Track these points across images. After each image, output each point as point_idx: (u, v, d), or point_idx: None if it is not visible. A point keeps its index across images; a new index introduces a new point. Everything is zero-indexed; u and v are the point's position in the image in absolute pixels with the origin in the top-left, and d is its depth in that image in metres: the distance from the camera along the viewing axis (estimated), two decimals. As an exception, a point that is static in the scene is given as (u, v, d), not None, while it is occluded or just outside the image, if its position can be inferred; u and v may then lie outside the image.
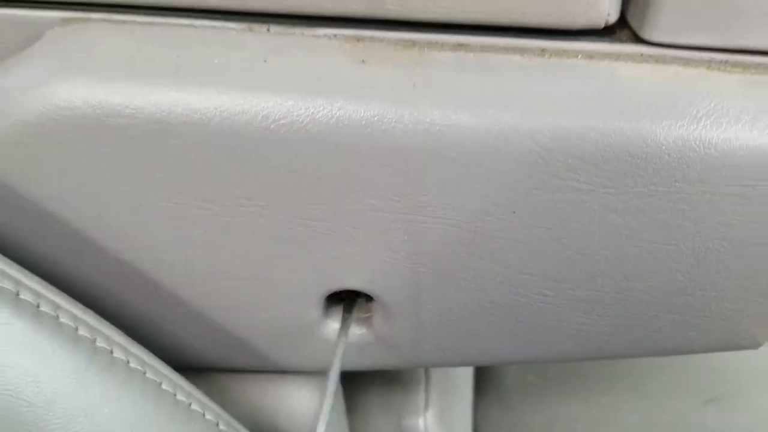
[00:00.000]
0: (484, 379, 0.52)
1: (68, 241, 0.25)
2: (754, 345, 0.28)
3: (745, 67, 0.24)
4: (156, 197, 0.24)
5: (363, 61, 0.23)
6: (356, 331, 0.29)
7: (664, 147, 0.23)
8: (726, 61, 0.24)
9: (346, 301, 0.29)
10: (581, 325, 0.27)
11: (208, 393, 0.28)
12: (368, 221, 0.25)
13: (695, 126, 0.23)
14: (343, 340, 0.27)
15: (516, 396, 0.52)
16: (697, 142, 0.23)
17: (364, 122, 0.23)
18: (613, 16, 0.24)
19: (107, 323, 0.23)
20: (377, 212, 0.24)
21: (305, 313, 0.28)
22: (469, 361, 0.30)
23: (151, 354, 0.24)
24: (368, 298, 0.28)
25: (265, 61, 0.23)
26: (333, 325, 0.29)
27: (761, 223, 0.24)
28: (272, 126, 0.23)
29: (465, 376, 0.49)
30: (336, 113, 0.23)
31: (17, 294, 0.20)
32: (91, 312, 0.24)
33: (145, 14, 0.25)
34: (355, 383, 0.40)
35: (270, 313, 0.28)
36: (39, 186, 0.24)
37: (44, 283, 0.23)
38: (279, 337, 0.29)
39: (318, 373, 0.33)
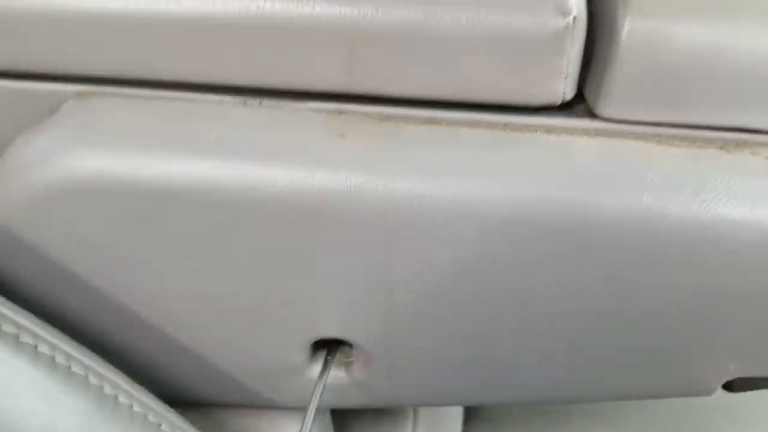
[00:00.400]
0: (473, 408, 0.54)
1: (76, 290, 0.28)
2: (708, 392, 0.30)
3: (692, 141, 0.26)
4: (158, 254, 0.27)
5: (342, 135, 0.26)
6: (338, 373, 0.31)
7: (613, 216, 0.25)
8: (674, 136, 0.27)
9: (331, 346, 0.31)
10: (544, 372, 0.29)
11: (205, 426, 0.30)
12: (346, 278, 0.27)
13: (644, 197, 0.25)
14: (321, 384, 0.29)
15: (506, 425, 0.54)
16: (645, 212, 0.25)
17: (341, 191, 0.25)
18: (569, 94, 0.26)
19: (112, 368, 0.26)
20: (354, 271, 0.27)
21: (294, 357, 0.31)
22: (445, 402, 0.33)
23: (151, 395, 0.27)
24: (351, 344, 0.30)
25: (254, 135, 0.26)
26: (318, 368, 0.32)
27: (703, 287, 0.26)
28: (260, 194, 0.25)
29: (454, 407, 0.51)
30: (317, 183, 0.25)
31: (36, 347, 0.23)
32: (98, 358, 0.26)
33: (151, 88, 0.28)
34: (345, 413, 0.42)
35: (263, 355, 0.31)
36: (55, 242, 0.27)
37: (59, 333, 0.25)
38: (271, 377, 0.32)
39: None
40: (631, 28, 0.25)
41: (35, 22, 0.26)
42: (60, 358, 0.23)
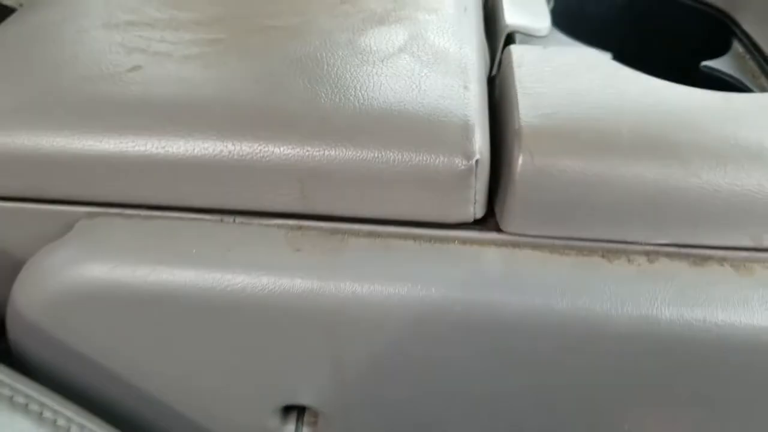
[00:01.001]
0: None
1: (89, 369, 0.35)
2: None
3: (579, 250, 0.33)
4: (152, 343, 0.34)
5: (298, 249, 0.33)
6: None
7: (514, 315, 0.31)
8: (565, 246, 0.33)
9: (299, 409, 0.38)
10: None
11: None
12: (305, 361, 0.34)
13: (536, 298, 0.32)
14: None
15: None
16: (539, 310, 0.31)
17: (298, 294, 0.32)
18: (479, 214, 0.33)
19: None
20: (311, 355, 0.33)
21: (267, 420, 0.37)
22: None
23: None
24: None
25: (228, 250, 0.33)
26: (291, 428, 0.38)
27: (587, 372, 0.32)
28: (234, 298, 0.32)
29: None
30: (278, 288, 0.32)
31: (55, 421, 0.30)
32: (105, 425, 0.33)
33: (147, 209, 0.34)
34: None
35: (243, 420, 0.37)
36: (71, 335, 0.33)
37: (73, 405, 0.32)
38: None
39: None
40: (524, 165, 0.31)
41: (55, 160, 0.33)
42: (72, 427, 0.29)
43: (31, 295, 0.33)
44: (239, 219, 0.34)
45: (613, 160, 0.31)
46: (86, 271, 0.32)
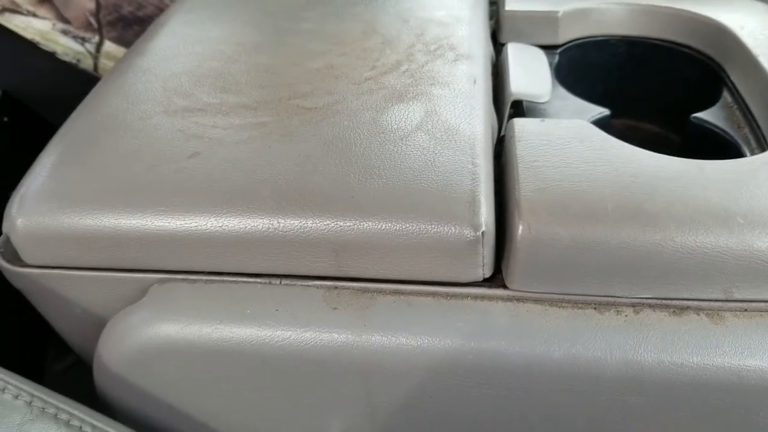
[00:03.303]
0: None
1: (166, 412, 0.41)
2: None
3: (574, 303, 0.38)
4: (215, 390, 0.40)
5: (335, 307, 0.39)
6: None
7: (519, 362, 0.37)
8: (561, 300, 0.38)
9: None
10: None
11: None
12: (342, 403, 0.40)
13: (538, 346, 0.37)
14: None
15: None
16: (538, 358, 0.37)
17: (335, 347, 0.38)
18: (487, 274, 0.39)
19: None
20: (347, 399, 0.39)
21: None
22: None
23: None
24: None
25: (276, 310, 0.39)
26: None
27: (582, 413, 0.38)
28: (281, 352, 0.38)
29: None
30: (319, 343, 0.38)
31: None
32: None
33: (207, 275, 0.41)
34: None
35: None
36: (149, 384, 0.40)
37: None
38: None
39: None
40: (523, 234, 0.37)
41: (132, 237, 0.40)
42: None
43: (113, 350, 0.40)
44: (284, 281, 0.40)
45: (599, 229, 0.37)
46: (159, 330, 0.39)
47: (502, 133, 0.49)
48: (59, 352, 0.74)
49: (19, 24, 0.75)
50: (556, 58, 0.59)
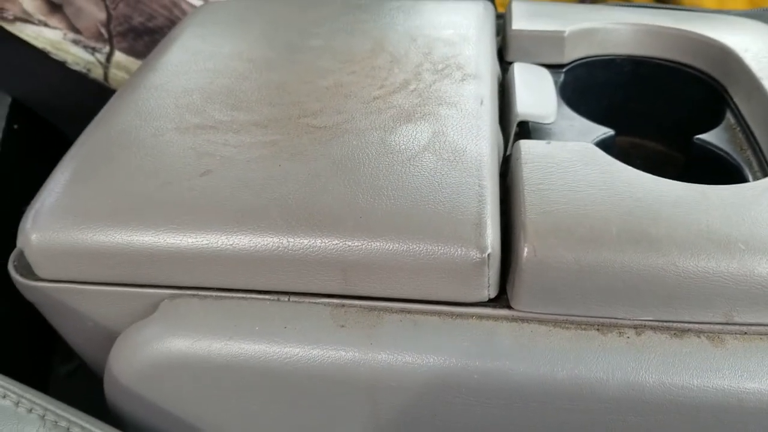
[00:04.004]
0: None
1: (171, 426, 0.42)
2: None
3: (577, 324, 0.39)
4: (222, 406, 0.41)
5: (342, 325, 0.39)
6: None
7: (523, 381, 0.38)
8: (565, 320, 0.39)
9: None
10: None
11: None
12: (348, 419, 0.40)
13: (542, 366, 0.38)
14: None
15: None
16: (542, 377, 0.38)
17: (342, 364, 0.39)
18: (492, 294, 0.39)
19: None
20: (354, 415, 0.40)
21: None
22: None
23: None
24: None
25: (284, 327, 0.40)
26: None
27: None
28: (289, 368, 0.39)
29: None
30: (326, 360, 0.39)
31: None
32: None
33: (217, 291, 0.41)
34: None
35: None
36: (159, 399, 0.41)
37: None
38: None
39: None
40: (528, 256, 0.38)
41: (143, 253, 0.41)
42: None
43: (124, 364, 0.41)
44: (293, 298, 0.41)
45: (602, 253, 0.37)
46: (170, 345, 0.40)
47: (507, 153, 0.50)
48: (64, 355, 0.75)
49: (30, 33, 0.76)
50: (562, 76, 0.60)
